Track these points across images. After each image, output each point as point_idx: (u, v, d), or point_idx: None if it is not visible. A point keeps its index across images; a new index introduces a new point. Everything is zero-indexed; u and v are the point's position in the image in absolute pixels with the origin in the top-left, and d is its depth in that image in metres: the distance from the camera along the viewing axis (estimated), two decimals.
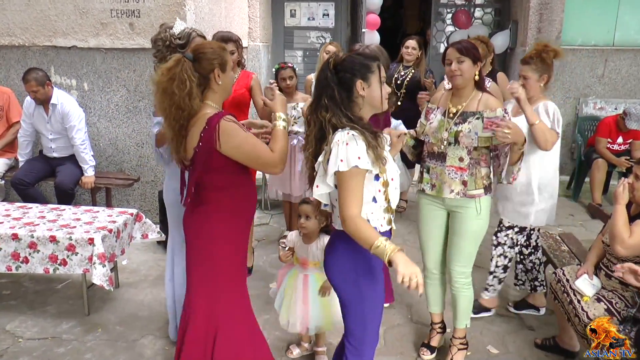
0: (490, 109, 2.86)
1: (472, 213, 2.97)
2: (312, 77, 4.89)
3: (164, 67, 2.33)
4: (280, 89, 4.28)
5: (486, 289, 3.71)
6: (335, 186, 2.13)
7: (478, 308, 3.67)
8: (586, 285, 2.94)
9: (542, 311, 3.75)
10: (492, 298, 3.73)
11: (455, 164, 2.92)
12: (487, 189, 2.98)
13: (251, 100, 4.16)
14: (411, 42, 5.32)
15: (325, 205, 2.27)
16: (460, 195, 2.94)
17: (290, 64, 4.51)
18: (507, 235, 3.57)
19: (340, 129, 2.11)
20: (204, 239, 2.51)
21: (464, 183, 2.93)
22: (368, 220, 2.13)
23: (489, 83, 4.05)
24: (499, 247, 3.60)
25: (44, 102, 4.63)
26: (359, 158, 2.05)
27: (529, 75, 3.34)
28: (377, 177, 2.14)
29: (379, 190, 2.17)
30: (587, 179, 5.99)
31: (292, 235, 3.14)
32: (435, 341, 3.34)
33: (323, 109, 2.14)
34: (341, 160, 2.05)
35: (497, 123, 2.73)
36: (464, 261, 3.08)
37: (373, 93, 2.19)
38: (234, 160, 2.39)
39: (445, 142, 2.92)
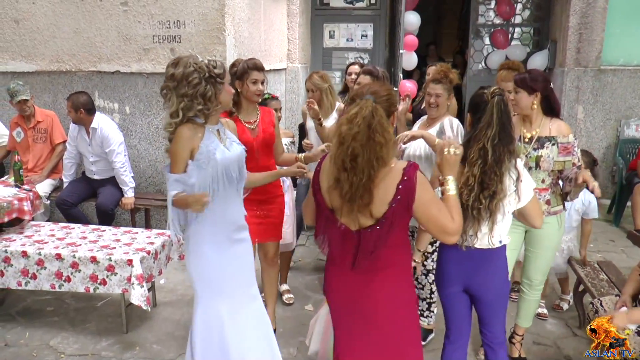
0: (563, 135, 3.05)
1: (554, 227, 3.16)
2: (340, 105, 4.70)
3: (359, 116, 2.00)
4: None
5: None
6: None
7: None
8: None
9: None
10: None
11: (538, 186, 3.00)
12: (564, 205, 3.22)
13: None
14: (354, 68, 4.79)
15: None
16: (545, 214, 3.04)
17: (276, 95, 4.20)
18: (433, 260, 3.49)
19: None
20: (389, 308, 2.20)
21: (548, 202, 3.12)
22: None
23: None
24: (430, 275, 3.56)
25: (82, 124, 4.78)
26: None
27: (440, 93, 3.42)
28: None
29: None
30: (629, 204, 5.82)
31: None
32: (524, 351, 3.47)
33: (509, 143, 2.43)
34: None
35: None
36: (546, 269, 3.34)
37: None
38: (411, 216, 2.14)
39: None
